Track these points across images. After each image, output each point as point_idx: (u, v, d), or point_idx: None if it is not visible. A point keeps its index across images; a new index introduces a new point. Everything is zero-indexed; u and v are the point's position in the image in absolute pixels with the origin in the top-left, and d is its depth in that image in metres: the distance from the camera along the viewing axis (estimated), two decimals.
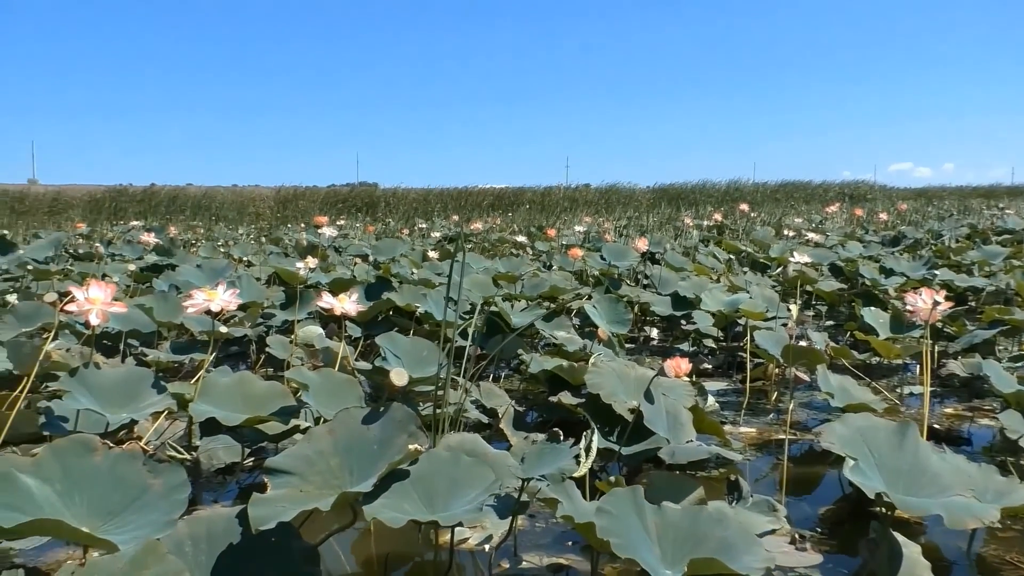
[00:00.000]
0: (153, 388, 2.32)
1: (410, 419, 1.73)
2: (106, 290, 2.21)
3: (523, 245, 8.81)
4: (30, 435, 2.52)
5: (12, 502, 1.42)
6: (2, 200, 21.02)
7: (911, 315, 2.61)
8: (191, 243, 10.40)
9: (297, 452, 1.71)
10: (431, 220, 17.39)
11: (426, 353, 2.70)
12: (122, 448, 1.64)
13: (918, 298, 2.53)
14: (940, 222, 12.19)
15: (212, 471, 2.43)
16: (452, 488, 1.58)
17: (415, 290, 4.10)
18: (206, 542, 1.46)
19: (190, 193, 23.78)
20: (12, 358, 2.90)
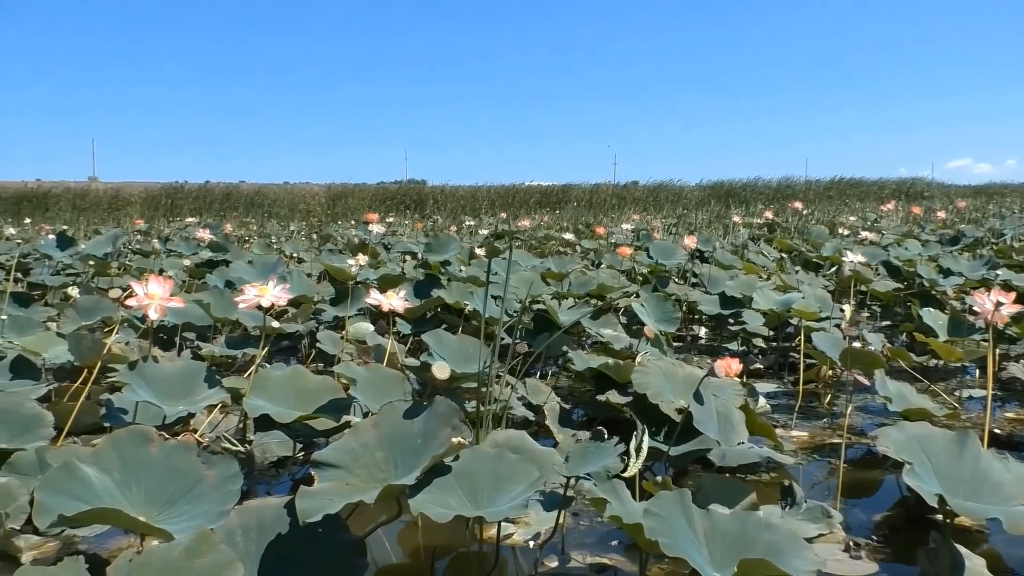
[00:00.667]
0: (208, 382, 2.37)
1: (454, 413, 1.73)
2: (164, 286, 2.27)
3: (571, 243, 8.78)
4: (91, 426, 2.60)
5: (74, 491, 1.46)
6: (65, 197, 21.70)
7: (974, 317, 2.53)
8: (244, 239, 10.60)
9: (343, 446, 1.73)
10: (479, 217, 17.45)
11: (472, 350, 2.71)
12: (177, 440, 1.68)
13: (985, 299, 2.44)
14: (1001, 220, 11.80)
15: (266, 464, 2.47)
16: (496, 484, 1.58)
17: (463, 287, 4.12)
18: (256, 532, 1.49)
19: (243, 190, 24.25)
20: (74, 350, 2.98)
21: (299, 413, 2.20)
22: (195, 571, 1.19)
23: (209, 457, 1.62)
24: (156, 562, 1.19)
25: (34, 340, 3.36)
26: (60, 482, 1.47)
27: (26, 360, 3.08)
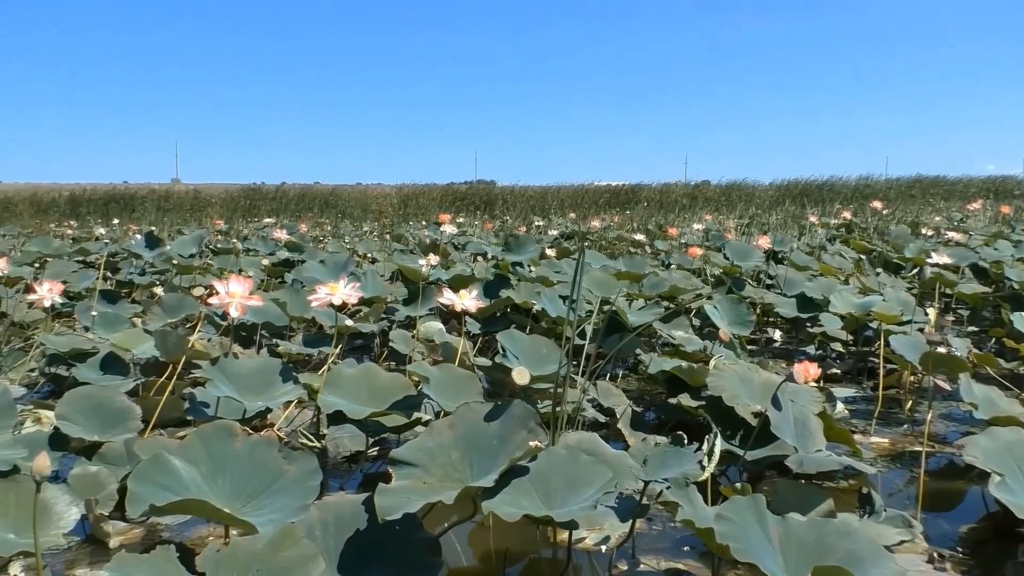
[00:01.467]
0: (285, 378, 2.44)
1: (530, 416, 1.75)
2: (245, 285, 2.34)
3: (641, 243, 8.70)
4: (175, 419, 2.70)
5: (163, 482, 1.53)
6: (150, 198, 22.54)
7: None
8: (319, 239, 10.83)
9: (420, 444, 1.76)
10: (548, 217, 17.44)
11: (545, 351, 2.71)
12: (259, 435, 1.73)
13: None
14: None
15: (339, 459, 2.52)
16: (570, 486, 1.58)
17: (532, 287, 4.12)
18: (334, 527, 1.53)
19: (318, 191, 24.76)
20: (159, 347, 3.10)
21: (371, 409, 2.24)
22: (279, 564, 1.23)
23: (290, 452, 1.66)
24: (242, 554, 1.23)
25: (123, 336, 3.50)
26: (151, 473, 1.54)
27: (116, 355, 3.22)
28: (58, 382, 3.47)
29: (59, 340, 3.41)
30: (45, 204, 21.43)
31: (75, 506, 1.92)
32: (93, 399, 2.37)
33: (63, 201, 21.72)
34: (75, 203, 21.68)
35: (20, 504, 1.85)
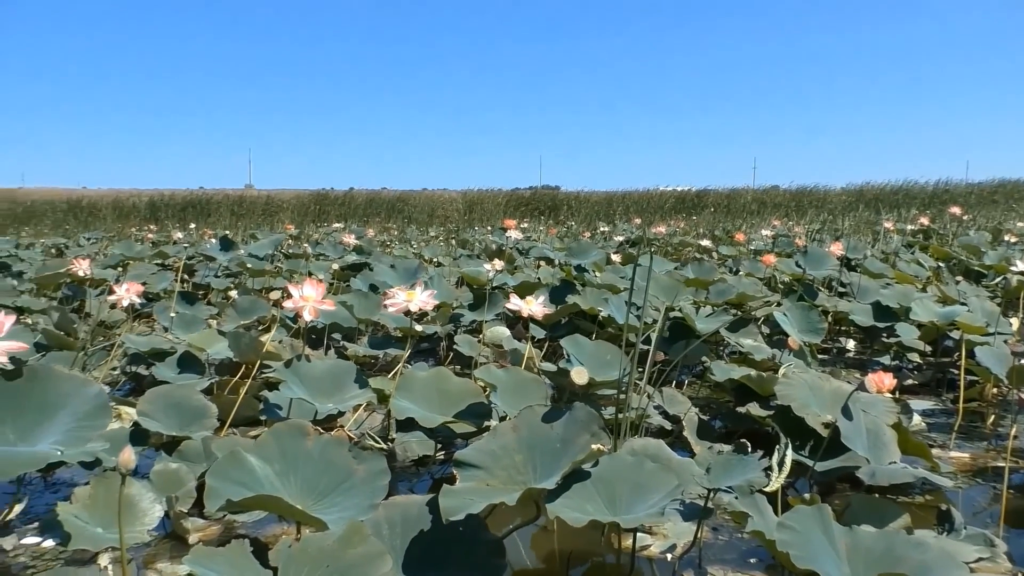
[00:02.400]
0: (356, 382, 2.48)
1: (593, 419, 1.74)
2: (318, 289, 2.40)
3: (708, 249, 8.59)
4: (249, 418, 2.78)
5: (240, 478, 1.58)
6: (224, 204, 23.25)
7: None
8: (386, 244, 11.01)
9: (483, 447, 1.77)
10: (612, 223, 17.35)
11: (610, 357, 2.70)
12: (330, 435, 1.77)
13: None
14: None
15: (407, 462, 2.56)
16: (634, 492, 1.57)
17: (598, 293, 4.11)
18: (401, 526, 1.55)
19: (385, 197, 25.16)
20: (233, 347, 3.19)
21: (443, 418, 2.26)
22: (348, 560, 1.26)
23: (359, 453, 1.70)
24: (313, 549, 1.26)
25: (199, 337, 3.62)
26: (228, 470, 1.59)
27: (192, 355, 3.33)
28: (138, 380, 3.61)
29: (139, 340, 3.55)
30: (127, 209, 22.30)
31: (158, 503, 2.00)
32: (172, 397, 2.46)
33: (143, 206, 22.58)
34: (154, 208, 22.51)
35: (108, 500, 1.94)
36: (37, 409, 1.75)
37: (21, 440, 1.70)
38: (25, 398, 1.75)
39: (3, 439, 1.68)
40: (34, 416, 1.74)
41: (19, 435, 1.70)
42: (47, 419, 1.74)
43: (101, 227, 17.92)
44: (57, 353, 3.59)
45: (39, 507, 2.18)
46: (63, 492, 2.33)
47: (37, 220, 20.27)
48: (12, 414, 1.72)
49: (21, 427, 1.71)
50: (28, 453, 1.60)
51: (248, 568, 1.22)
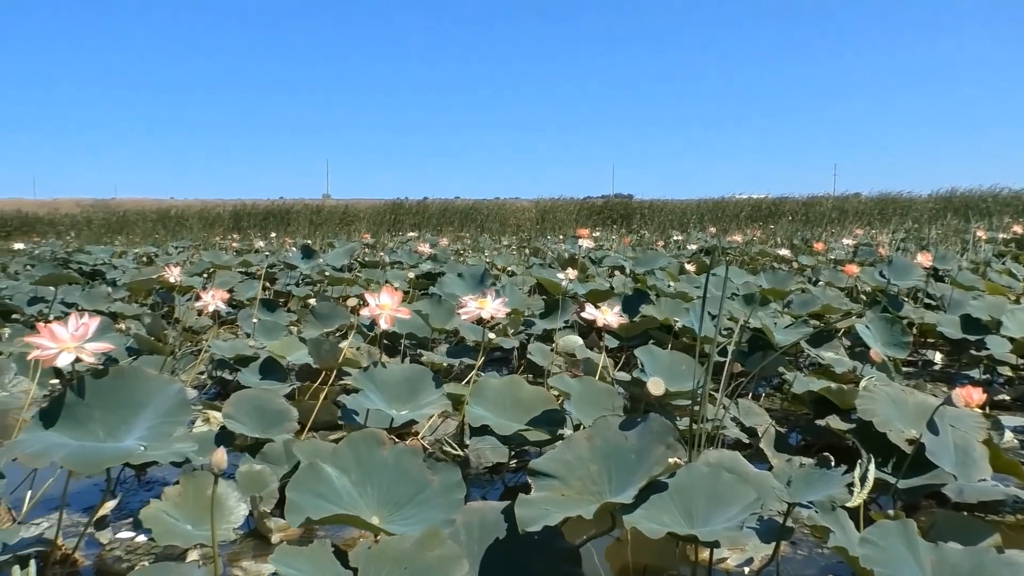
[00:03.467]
0: (432, 389, 2.52)
1: (668, 431, 1.73)
2: (395, 297, 2.45)
3: (786, 258, 8.40)
4: (328, 423, 2.85)
5: (318, 490, 1.63)
6: (303, 213, 23.87)
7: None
8: (459, 253, 11.13)
9: (558, 456, 1.77)
10: (687, 232, 17.14)
11: (684, 367, 2.68)
12: (404, 444, 1.81)
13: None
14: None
15: (481, 468, 2.58)
16: (712, 504, 1.55)
17: (673, 303, 4.08)
18: (478, 532, 1.57)
19: (458, 206, 25.41)
20: (313, 354, 3.29)
21: (517, 425, 2.27)
22: (425, 563, 1.28)
23: (434, 463, 1.73)
24: (391, 552, 1.30)
25: (280, 343, 3.74)
26: (307, 482, 1.64)
27: (274, 361, 3.43)
28: (223, 385, 3.74)
29: (224, 345, 3.69)
30: (212, 218, 23.12)
31: (243, 502, 2.08)
32: (256, 401, 2.55)
33: (227, 215, 23.36)
34: (238, 217, 23.27)
35: (196, 498, 2.02)
36: (123, 406, 1.83)
37: (109, 436, 1.78)
38: (112, 396, 1.83)
39: (93, 435, 1.76)
40: (121, 413, 1.82)
41: (107, 431, 1.78)
42: (132, 416, 1.82)
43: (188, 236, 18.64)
44: (148, 357, 3.75)
45: (134, 504, 2.29)
46: (155, 491, 2.43)
47: (129, 229, 21.21)
48: (101, 411, 1.80)
49: (109, 424, 1.80)
50: (113, 449, 1.68)
51: (329, 568, 1.26)
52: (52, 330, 1.74)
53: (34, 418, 1.75)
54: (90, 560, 1.96)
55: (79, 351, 1.75)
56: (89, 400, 1.80)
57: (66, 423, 1.76)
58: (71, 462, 1.54)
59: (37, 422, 1.74)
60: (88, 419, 1.78)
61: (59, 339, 1.73)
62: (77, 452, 1.59)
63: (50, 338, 1.73)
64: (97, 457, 1.60)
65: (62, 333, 1.74)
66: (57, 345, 1.73)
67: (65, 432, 1.74)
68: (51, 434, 1.71)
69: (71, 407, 1.78)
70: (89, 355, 1.76)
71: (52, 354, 1.73)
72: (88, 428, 1.77)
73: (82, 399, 1.79)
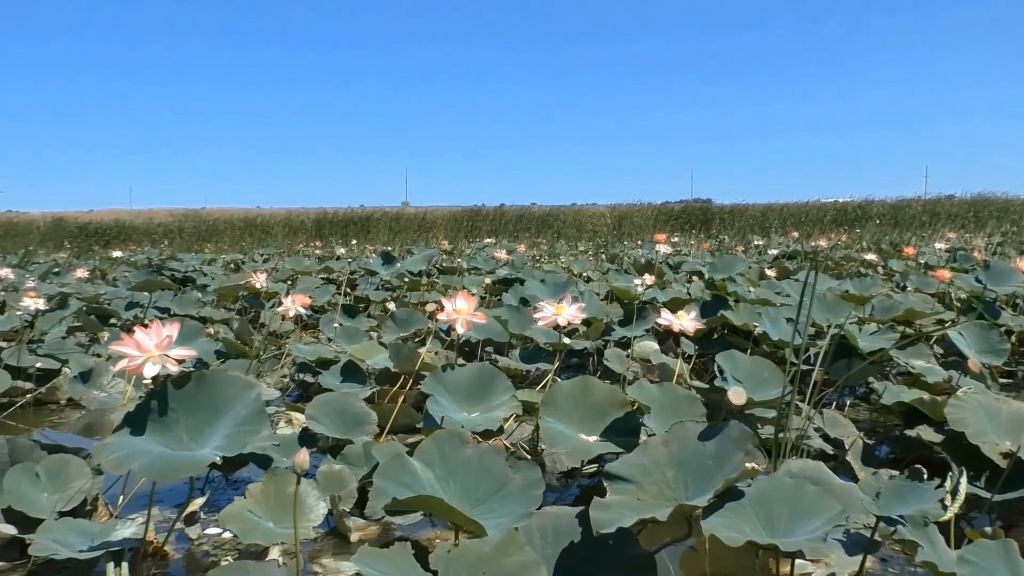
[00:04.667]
0: (503, 390, 2.54)
1: (747, 438, 1.69)
2: (470, 302, 2.47)
3: (873, 263, 8.12)
4: (406, 426, 2.89)
5: (404, 480, 1.67)
6: (383, 220, 24.30)
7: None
8: (536, 259, 11.15)
9: (634, 460, 1.76)
10: (768, 236, 16.75)
11: (767, 374, 2.61)
12: (488, 443, 1.83)
13: None
14: None
15: (556, 473, 2.58)
16: (794, 515, 1.51)
17: (752, 309, 3.99)
18: (552, 536, 1.57)
19: (534, 212, 25.44)
20: (392, 358, 3.34)
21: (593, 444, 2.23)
22: (504, 568, 1.29)
23: (515, 462, 1.75)
24: (470, 555, 1.31)
25: (360, 347, 3.82)
26: (393, 471, 1.68)
27: (354, 364, 3.51)
28: (305, 387, 3.84)
29: (306, 349, 3.79)
30: (295, 226, 23.77)
31: (322, 501, 2.13)
32: (337, 404, 2.61)
33: (310, 223, 23.97)
34: (320, 225, 23.85)
35: (278, 496, 2.08)
36: (205, 411, 1.88)
37: (192, 440, 1.83)
38: (195, 401, 1.89)
39: (177, 439, 1.82)
40: (203, 417, 1.87)
41: (191, 435, 1.84)
42: (214, 420, 1.88)
43: (273, 243, 19.22)
44: (235, 360, 3.89)
45: (221, 501, 2.37)
46: (241, 489, 2.51)
47: (218, 237, 22.01)
48: (184, 415, 1.86)
49: (192, 427, 1.86)
50: (188, 458, 1.72)
51: (410, 570, 1.28)
52: (137, 340, 1.80)
53: (122, 422, 1.82)
54: (180, 554, 2.04)
55: (164, 359, 1.81)
56: (174, 404, 1.87)
57: (153, 428, 1.82)
58: (148, 471, 1.60)
59: (125, 426, 1.81)
60: (173, 423, 1.85)
61: (144, 348, 1.80)
62: (154, 461, 1.64)
63: (135, 347, 1.80)
64: (173, 466, 1.65)
65: (146, 342, 1.80)
66: (142, 354, 1.80)
67: (151, 436, 1.80)
68: (136, 439, 1.77)
69: (157, 411, 1.84)
70: (173, 363, 1.82)
71: (138, 364, 1.79)
72: (173, 432, 1.83)
73: (167, 403, 1.86)
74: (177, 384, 1.87)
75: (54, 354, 4.20)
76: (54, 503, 2.01)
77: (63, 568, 1.93)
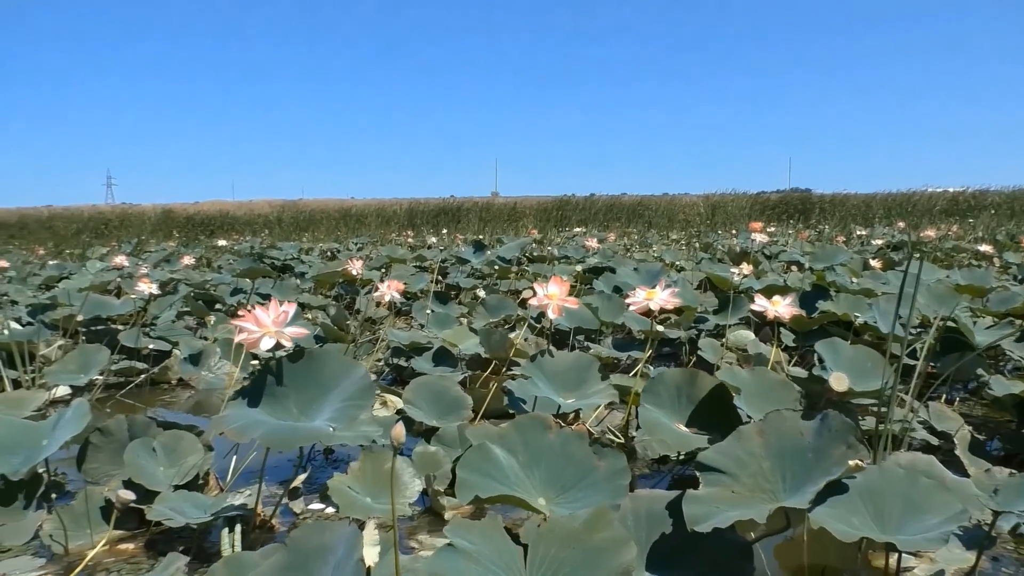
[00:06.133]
0: (599, 378, 2.52)
1: (848, 429, 1.62)
2: (562, 287, 2.48)
3: (987, 255, 7.70)
4: (497, 410, 2.92)
5: (487, 470, 1.68)
6: (473, 210, 24.55)
7: None
8: (627, 248, 11.05)
9: (727, 450, 1.70)
10: (871, 227, 16.10)
11: (870, 364, 2.51)
12: (571, 428, 1.83)
13: None
14: None
15: (646, 460, 2.56)
16: (907, 510, 1.44)
17: (854, 299, 3.85)
18: (645, 520, 1.56)
19: (625, 202, 25.21)
20: (484, 343, 3.38)
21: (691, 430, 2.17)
22: (593, 544, 1.29)
23: (600, 449, 1.74)
24: (559, 531, 1.32)
25: (452, 333, 3.88)
26: (476, 462, 1.70)
27: (446, 350, 3.57)
28: (399, 371, 3.93)
29: (401, 335, 3.87)
30: (388, 216, 24.29)
31: (418, 479, 2.18)
32: (433, 387, 2.67)
33: (403, 213, 24.45)
34: (412, 215, 24.30)
35: (375, 474, 2.15)
36: (314, 387, 1.97)
37: (302, 414, 1.92)
38: (305, 377, 1.98)
39: (288, 413, 1.91)
40: (312, 393, 1.96)
41: (301, 409, 1.93)
42: (322, 396, 1.95)
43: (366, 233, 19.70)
44: (331, 345, 4.01)
45: (322, 478, 2.45)
46: (340, 467, 2.60)
47: (314, 227, 22.70)
48: (295, 391, 1.95)
49: (302, 402, 1.94)
50: (306, 428, 1.81)
51: (501, 542, 1.30)
52: (256, 315, 1.89)
53: (237, 395, 1.91)
54: (285, 527, 2.12)
55: (279, 336, 1.89)
56: (285, 380, 1.95)
57: (265, 401, 1.92)
58: (268, 440, 1.68)
59: (240, 399, 1.91)
60: (284, 397, 1.93)
61: (262, 324, 1.88)
62: (274, 430, 1.73)
63: (255, 323, 1.89)
64: (291, 436, 1.73)
65: (265, 318, 1.89)
66: (261, 329, 1.88)
67: (264, 409, 1.90)
68: (252, 411, 1.87)
69: (270, 386, 1.93)
70: (287, 340, 1.91)
71: (256, 338, 1.88)
72: (284, 406, 1.92)
73: (279, 379, 1.95)
74: (290, 359, 1.96)
75: (166, 336, 4.43)
76: (170, 476, 2.13)
77: (178, 537, 2.03)
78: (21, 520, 2.08)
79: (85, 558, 1.90)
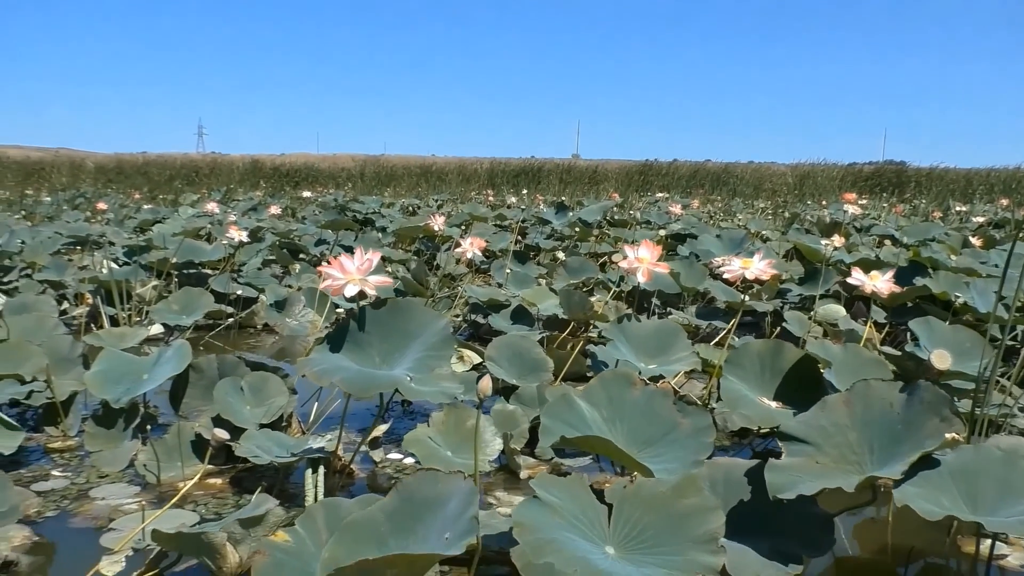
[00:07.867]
0: (683, 345, 2.49)
1: (943, 402, 1.53)
2: (654, 251, 2.44)
3: None
4: (575, 372, 2.92)
5: (570, 420, 1.68)
6: (554, 172, 24.40)
7: None
8: (711, 215, 10.83)
9: (812, 420, 1.65)
10: (971, 203, 15.35)
11: (969, 345, 2.40)
12: (656, 385, 1.81)
13: None
14: None
15: (727, 431, 2.53)
16: (1002, 492, 1.38)
17: (953, 278, 3.68)
18: (724, 487, 1.54)
19: (709, 168, 24.62)
20: (564, 305, 3.38)
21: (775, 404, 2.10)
22: (680, 509, 1.28)
23: (684, 407, 1.72)
24: (646, 494, 1.31)
25: (531, 292, 3.88)
26: (560, 411, 1.70)
27: (524, 309, 3.58)
28: (476, 328, 3.97)
29: (479, 291, 3.90)
30: (468, 174, 24.36)
31: (497, 437, 2.21)
32: (515, 347, 2.69)
33: (483, 172, 24.48)
34: (492, 174, 24.31)
35: (457, 428, 2.18)
36: (396, 336, 1.99)
37: (384, 362, 1.95)
38: (388, 326, 2.00)
39: (370, 360, 1.95)
40: (395, 342, 1.98)
41: (382, 358, 1.96)
42: (404, 345, 1.98)
43: (447, 190, 19.83)
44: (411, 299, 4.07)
45: (400, 429, 2.50)
46: (419, 419, 2.64)
47: (396, 183, 22.98)
48: (378, 339, 1.98)
49: (384, 351, 1.97)
50: (385, 376, 1.83)
51: (586, 500, 1.30)
52: (341, 262, 1.92)
53: (322, 341, 1.96)
54: (364, 474, 2.18)
55: (363, 283, 1.92)
56: (369, 328, 1.98)
57: (349, 347, 1.95)
58: (347, 385, 1.71)
59: (325, 345, 1.95)
60: (367, 345, 1.97)
61: (347, 271, 1.92)
62: (354, 377, 1.76)
63: (340, 270, 1.92)
64: (370, 383, 1.76)
65: (350, 266, 1.92)
66: (345, 277, 1.91)
67: (347, 355, 1.93)
68: (336, 356, 1.91)
69: (353, 334, 1.97)
70: (371, 288, 1.93)
71: (340, 284, 1.91)
72: (367, 353, 1.96)
73: (362, 327, 1.98)
74: (374, 307, 1.99)
75: (253, 283, 4.57)
76: (256, 416, 2.21)
77: (263, 475, 2.11)
78: (118, 448, 2.19)
79: (177, 489, 1.99)
